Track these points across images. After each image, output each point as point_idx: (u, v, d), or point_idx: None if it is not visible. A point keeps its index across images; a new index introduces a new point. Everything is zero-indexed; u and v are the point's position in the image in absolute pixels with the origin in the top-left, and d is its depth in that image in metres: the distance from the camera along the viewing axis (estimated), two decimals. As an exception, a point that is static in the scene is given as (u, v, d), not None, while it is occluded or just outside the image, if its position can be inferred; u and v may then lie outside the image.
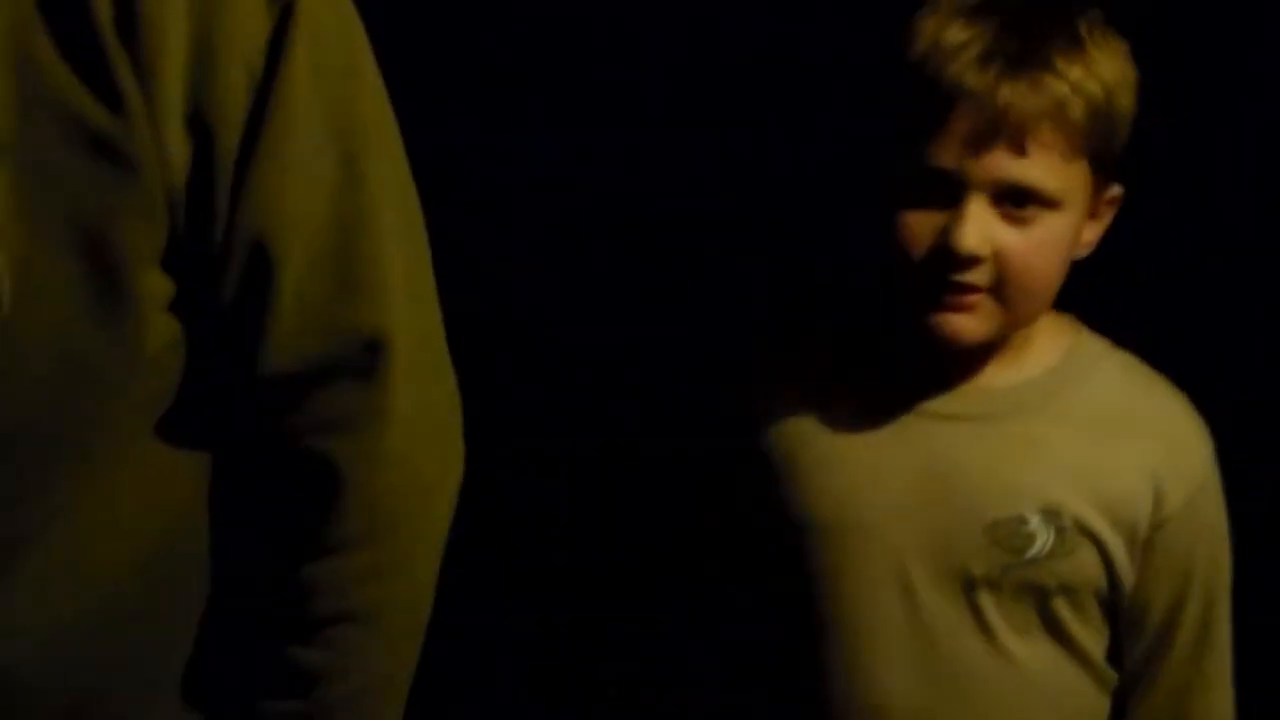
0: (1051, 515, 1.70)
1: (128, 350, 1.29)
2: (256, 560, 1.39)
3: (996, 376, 1.73)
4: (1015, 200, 1.64)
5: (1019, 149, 1.62)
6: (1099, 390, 1.74)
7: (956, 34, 1.65)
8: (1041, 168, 1.63)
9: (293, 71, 1.29)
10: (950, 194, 1.64)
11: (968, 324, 1.66)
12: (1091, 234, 1.72)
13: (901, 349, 1.73)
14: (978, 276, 1.64)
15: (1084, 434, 1.72)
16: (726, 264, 2.24)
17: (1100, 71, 1.66)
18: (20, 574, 1.31)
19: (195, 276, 1.31)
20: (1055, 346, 1.75)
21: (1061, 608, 1.71)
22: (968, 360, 1.72)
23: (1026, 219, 1.64)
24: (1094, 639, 1.74)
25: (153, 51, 1.25)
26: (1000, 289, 1.65)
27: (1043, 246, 1.65)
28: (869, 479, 1.73)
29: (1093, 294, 1.76)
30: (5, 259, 1.24)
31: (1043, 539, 1.70)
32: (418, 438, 1.38)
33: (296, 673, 1.40)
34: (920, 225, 1.65)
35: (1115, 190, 1.73)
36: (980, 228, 1.63)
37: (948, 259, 1.63)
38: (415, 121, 1.43)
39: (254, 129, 1.29)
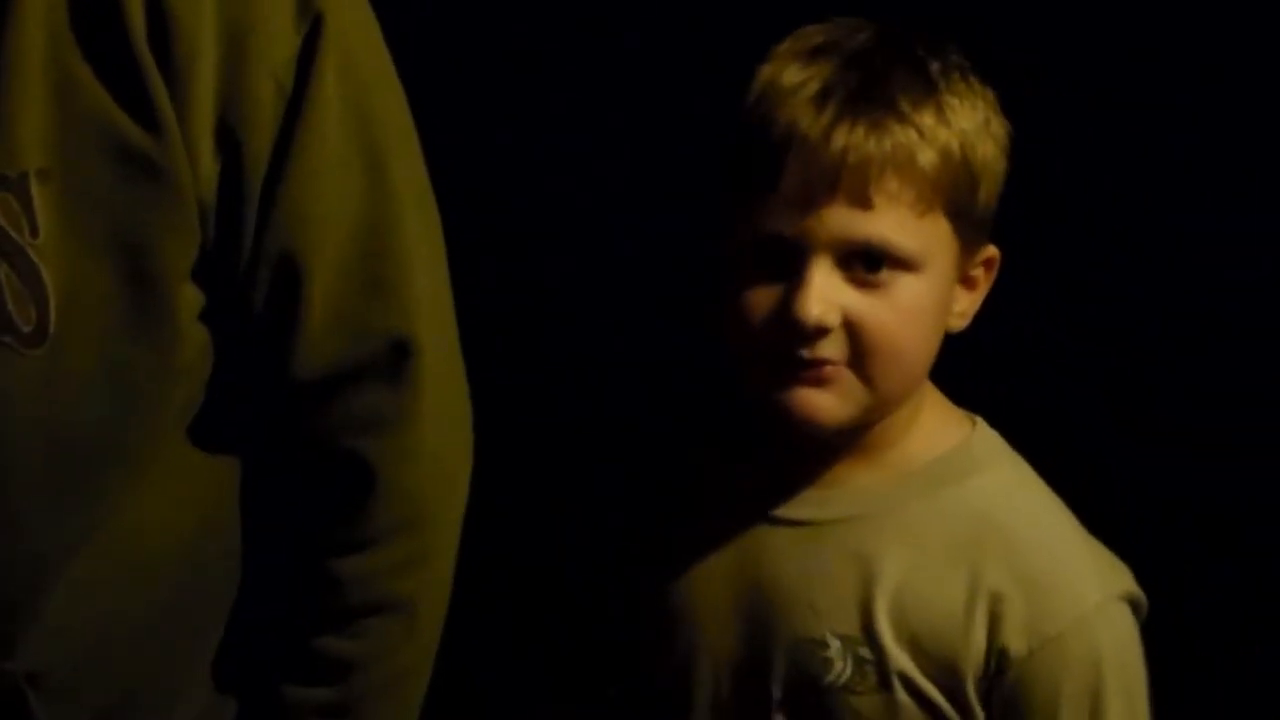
0: (850, 643, 1.49)
1: (166, 362, 1.32)
2: (288, 554, 1.41)
3: (854, 475, 1.52)
4: (866, 262, 1.44)
5: (861, 201, 1.42)
6: (959, 503, 1.50)
7: (792, 75, 1.45)
8: (890, 222, 1.42)
9: (322, 83, 1.31)
10: (792, 260, 1.44)
11: (825, 402, 1.45)
12: (966, 303, 1.51)
13: (757, 440, 1.53)
14: (830, 349, 1.44)
15: (917, 554, 1.49)
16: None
17: (955, 118, 1.45)
18: (65, 579, 1.33)
19: (224, 285, 1.33)
20: (933, 445, 1.52)
21: None
22: (826, 455, 1.51)
23: (881, 283, 1.44)
24: None
25: (184, 62, 1.27)
26: (860, 363, 1.44)
27: (902, 313, 1.44)
28: (702, 584, 1.55)
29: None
30: (52, 280, 1.27)
31: (839, 667, 1.49)
32: (444, 432, 1.40)
33: (329, 663, 1.42)
34: (761, 298, 1.45)
35: (989, 252, 1.51)
36: (824, 294, 1.42)
37: (792, 332, 1.43)
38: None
39: (284, 140, 1.31)
